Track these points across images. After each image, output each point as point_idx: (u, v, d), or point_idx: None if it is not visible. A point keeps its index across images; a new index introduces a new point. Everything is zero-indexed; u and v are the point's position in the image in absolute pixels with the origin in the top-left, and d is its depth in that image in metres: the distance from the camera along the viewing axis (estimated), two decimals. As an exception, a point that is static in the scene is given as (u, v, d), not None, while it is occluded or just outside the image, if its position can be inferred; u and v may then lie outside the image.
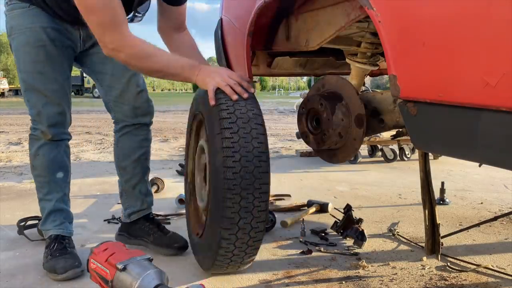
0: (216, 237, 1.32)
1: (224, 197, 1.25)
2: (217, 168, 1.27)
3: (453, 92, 0.89)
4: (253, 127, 1.31)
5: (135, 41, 1.40)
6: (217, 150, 1.27)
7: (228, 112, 1.30)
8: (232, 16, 1.99)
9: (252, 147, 1.28)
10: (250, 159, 1.27)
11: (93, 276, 1.11)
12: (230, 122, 1.28)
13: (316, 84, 1.59)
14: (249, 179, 1.26)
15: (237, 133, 1.27)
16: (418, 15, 0.96)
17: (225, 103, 1.32)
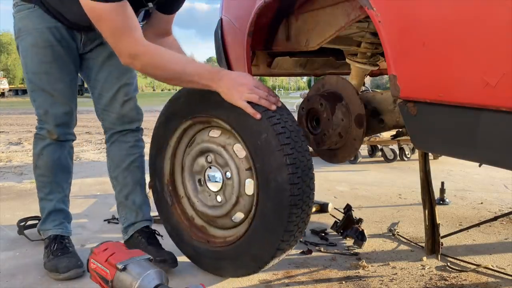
0: (270, 249, 1.33)
1: (290, 213, 1.26)
2: (281, 185, 1.26)
3: (453, 92, 0.89)
4: (302, 139, 1.32)
5: (149, 48, 1.35)
6: (279, 167, 1.26)
7: (282, 127, 1.29)
8: (232, 16, 1.99)
9: (306, 160, 1.30)
10: (307, 173, 1.30)
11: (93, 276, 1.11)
12: (287, 137, 1.28)
13: (316, 84, 1.59)
14: (308, 192, 1.30)
15: (295, 148, 1.28)
16: (418, 15, 0.96)
17: (274, 116, 1.29)
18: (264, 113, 1.29)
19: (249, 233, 1.37)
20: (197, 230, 1.58)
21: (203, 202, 1.56)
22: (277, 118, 1.30)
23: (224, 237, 1.51)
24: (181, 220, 1.60)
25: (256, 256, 1.37)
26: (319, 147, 1.52)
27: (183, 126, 1.54)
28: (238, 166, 1.42)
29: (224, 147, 1.45)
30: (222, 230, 1.54)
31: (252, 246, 1.37)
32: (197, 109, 1.46)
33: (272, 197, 1.29)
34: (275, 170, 1.27)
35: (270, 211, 1.30)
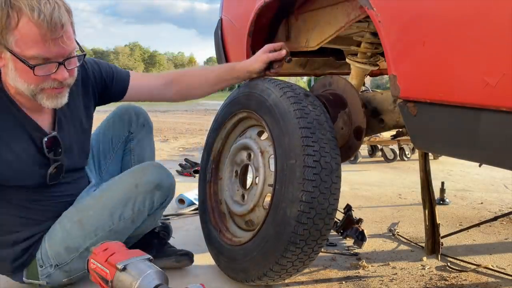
0: (259, 270, 1.30)
1: (286, 248, 1.21)
2: (288, 218, 1.20)
3: (453, 92, 0.89)
4: (333, 181, 1.23)
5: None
6: (292, 199, 1.19)
7: (314, 160, 1.20)
8: (232, 16, 1.99)
9: (328, 204, 1.22)
10: (323, 217, 1.22)
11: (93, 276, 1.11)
12: (314, 173, 1.20)
13: (323, 80, 1.56)
14: (316, 237, 1.23)
15: (318, 188, 1.20)
16: (418, 15, 0.96)
17: (312, 147, 1.21)
18: (302, 139, 1.21)
19: (248, 245, 1.34)
20: (218, 216, 1.57)
21: (230, 193, 1.55)
22: (314, 149, 1.20)
23: (233, 235, 1.51)
24: (210, 200, 1.61)
25: (245, 270, 1.35)
26: None
27: (240, 115, 1.53)
28: (265, 177, 1.39)
29: (262, 153, 1.42)
30: (236, 228, 1.54)
31: (245, 258, 1.35)
32: (252, 104, 1.43)
33: (276, 225, 1.23)
34: (288, 201, 1.20)
35: (270, 237, 1.25)
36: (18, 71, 1.08)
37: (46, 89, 1.12)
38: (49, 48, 1.06)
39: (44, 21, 1.02)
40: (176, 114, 12.52)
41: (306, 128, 1.22)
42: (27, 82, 1.10)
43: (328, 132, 1.26)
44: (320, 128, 1.25)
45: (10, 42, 1.04)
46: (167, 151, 5.04)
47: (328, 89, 1.53)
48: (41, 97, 1.13)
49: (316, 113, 1.28)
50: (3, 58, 1.09)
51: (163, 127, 8.07)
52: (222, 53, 2.12)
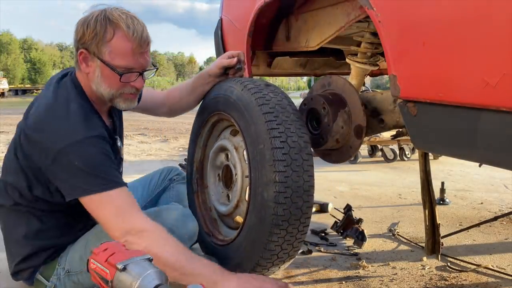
0: (250, 262, 1.31)
1: (270, 232, 1.23)
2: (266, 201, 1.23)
3: (453, 92, 0.89)
4: (304, 158, 1.25)
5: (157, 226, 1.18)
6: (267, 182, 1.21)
7: (281, 141, 1.23)
8: (232, 16, 1.99)
9: (303, 182, 1.24)
10: (300, 195, 1.24)
11: (93, 276, 1.11)
12: (283, 153, 1.22)
13: (323, 80, 1.57)
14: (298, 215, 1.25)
15: (290, 167, 1.22)
16: (418, 15, 0.96)
17: (277, 129, 1.24)
18: (266, 124, 1.24)
19: (237, 239, 1.36)
20: (209, 222, 1.59)
21: (216, 196, 1.58)
22: (279, 131, 1.24)
23: (224, 236, 1.53)
24: (200, 209, 1.62)
25: (238, 265, 1.35)
26: (315, 148, 1.51)
27: (212, 120, 1.57)
28: (243, 170, 1.42)
29: (237, 149, 1.46)
30: (227, 228, 1.56)
31: (236, 254, 1.36)
32: (219, 105, 1.47)
33: (257, 211, 1.25)
34: (263, 184, 1.22)
35: (254, 225, 1.27)
36: (104, 77, 1.24)
37: (124, 94, 1.29)
38: (136, 60, 1.24)
39: (136, 38, 1.21)
40: (176, 114, 12.53)
41: (269, 113, 1.26)
42: (110, 87, 1.25)
43: (292, 114, 1.30)
44: (283, 111, 1.29)
45: (103, 52, 1.21)
46: (167, 151, 5.04)
47: (327, 89, 1.53)
48: (118, 100, 1.30)
49: (277, 99, 1.32)
50: (90, 66, 1.24)
51: (163, 127, 8.07)
52: (222, 53, 2.11)
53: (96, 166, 1.16)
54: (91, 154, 1.17)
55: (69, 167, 1.15)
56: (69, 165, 1.15)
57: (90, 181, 1.15)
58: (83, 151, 1.16)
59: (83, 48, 1.22)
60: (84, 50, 1.22)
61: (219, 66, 1.54)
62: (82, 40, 1.22)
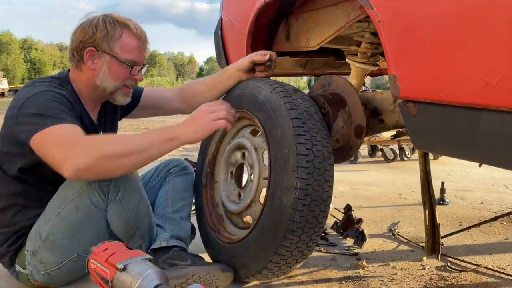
0: (258, 264, 1.31)
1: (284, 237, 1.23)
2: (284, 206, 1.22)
3: (453, 92, 0.89)
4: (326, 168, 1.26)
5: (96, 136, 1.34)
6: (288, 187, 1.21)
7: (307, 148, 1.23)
8: (232, 16, 1.99)
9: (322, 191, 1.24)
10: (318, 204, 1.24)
11: (93, 276, 1.11)
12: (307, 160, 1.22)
13: (323, 80, 1.57)
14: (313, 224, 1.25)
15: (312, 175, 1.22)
16: (418, 15, 0.96)
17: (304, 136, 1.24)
18: (294, 129, 1.24)
19: (246, 239, 1.35)
20: (215, 218, 1.58)
21: (227, 193, 1.57)
22: (306, 138, 1.23)
23: (231, 234, 1.52)
24: (207, 204, 1.60)
25: (245, 265, 1.36)
26: None
27: None
28: (260, 172, 1.41)
29: (256, 149, 1.44)
30: (234, 227, 1.55)
31: (244, 254, 1.36)
32: (244, 104, 1.45)
33: (273, 215, 1.25)
34: (283, 189, 1.22)
35: (268, 228, 1.26)
36: (111, 71, 1.38)
37: (124, 87, 1.42)
38: (140, 55, 1.42)
39: (141, 36, 1.41)
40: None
41: (297, 119, 1.26)
42: (115, 80, 1.39)
43: (319, 123, 1.30)
44: (311, 118, 1.29)
45: (113, 48, 1.36)
46: (167, 151, 5.03)
47: (327, 89, 1.53)
48: (118, 93, 1.42)
49: (306, 105, 1.32)
50: (96, 63, 1.37)
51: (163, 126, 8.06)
52: (222, 53, 2.12)
53: (45, 109, 1.22)
54: (44, 99, 1.24)
55: (25, 115, 1.23)
56: (25, 113, 1.23)
57: (38, 121, 1.20)
58: (37, 99, 1.25)
59: (91, 46, 1.35)
60: (93, 48, 1.35)
61: (250, 60, 1.56)
62: (92, 39, 1.34)
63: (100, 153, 1.15)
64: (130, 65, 1.39)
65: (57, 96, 1.28)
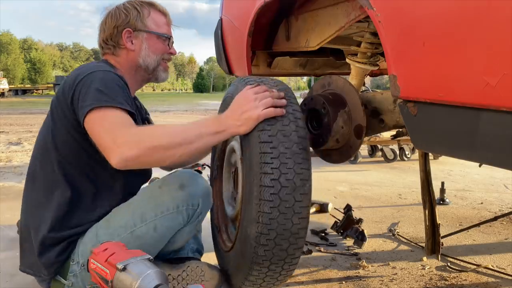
0: (238, 280, 1.28)
1: (250, 267, 1.18)
2: (248, 237, 1.15)
3: (453, 92, 0.89)
4: (297, 199, 1.13)
5: (142, 127, 1.25)
6: (251, 219, 1.13)
7: (271, 179, 1.10)
8: (232, 16, 1.99)
9: (291, 225, 1.13)
10: (287, 238, 1.14)
11: (93, 276, 1.11)
12: (271, 193, 1.11)
13: (323, 80, 1.57)
14: (282, 256, 1.18)
15: (278, 208, 1.11)
16: (418, 15, 0.96)
17: (270, 164, 1.11)
18: (260, 156, 1.11)
19: (231, 252, 1.33)
20: (220, 214, 1.56)
21: (227, 193, 1.55)
22: (273, 166, 1.10)
23: (226, 237, 1.51)
24: (216, 198, 1.57)
25: (229, 276, 1.36)
26: (315, 147, 1.51)
27: None
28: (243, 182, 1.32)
29: (242, 160, 1.33)
30: (234, 229, 1.53)
31: (229, 265, 1.35)
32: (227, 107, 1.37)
33: (242, 242, 1.20)
34: (248, 220, 1.14)
35: (238, 253, 1.23)
36: (151, 46, 1.42)
37: (163, 62, 1.47)
38: (170, 29, 1.49)
39: (166, 12, 1.49)
40: (176, 114, 12.52)
41: (266, 143, 1.12)
42: (156, 54, 1.43)
43: (295, 144, 1.14)
44: (285, 141, 1.13)
45: (148, 25, 1.41)
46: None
47: (327, 89, 1.53)
48: (159, 68, 1.46)
49: (283, 123, 1.16)
50: (135, 43, 1.40)
51: (163, 127, 8.06)
52: (222, 53, 2.12)
53: (107, 87, 1.21)
54: (107, 78, 1.25)
55: (85, 86, 1.21)
56: (86, 84, 1.22)
57: (98, 96, 1.19)
58: (100, 75, 1.25)
59: (127, 28, 1.39)
60: (129, 29, 1.39)
61: None
62: (126, 21, 1.39)
63: (148, 145, 1.14)
64: (167, 36, 1.44)
65: (119, 80, 1.28)
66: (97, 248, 1.11)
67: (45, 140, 1.31)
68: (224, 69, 2.20)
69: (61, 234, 1.28)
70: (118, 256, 1.06)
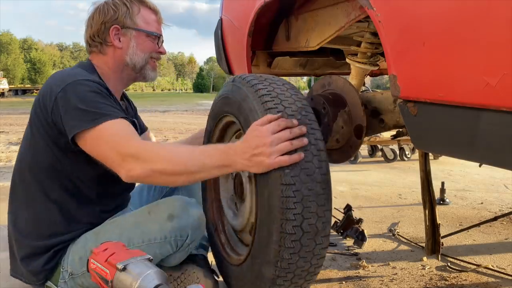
0: None
1: None
2: (262, 271, 1.11)
3: (453, 92, 0.89)
4: (318, 242, 1.08)
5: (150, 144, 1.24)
6: (267, 260, 1.08)
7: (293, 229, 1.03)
8: (232, 16, 1.99)
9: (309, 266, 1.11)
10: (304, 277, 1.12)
11: (93, 276, 1.11)
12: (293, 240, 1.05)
13: (323, 80, 1.57)
14: None
15: (299, 254, 1.06)
16: (418, 15, 0.96)
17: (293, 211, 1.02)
18: (282, 200, 1.01)
19: (235, 268, 1.29)
20: (216, 210, 1.51)
21: (225, 194, 1.51)
22: (296, 212, 1.01)
23: (226, 241, 1.47)
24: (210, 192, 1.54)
25: None
26: None
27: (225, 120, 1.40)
28: (252, 208, 1.26)
29: (251, 180, 1.26)
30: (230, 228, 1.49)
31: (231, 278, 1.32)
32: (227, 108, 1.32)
33: (251, 279, 1.16)
34: (263, 260, 1.09)
35: (248, 280, 1.18)
36: (139, 44, 1.39)
37: (151, 61, 1.43)
38: (159, 27, 1.45)
39: (157, 10, 1.45)
40: (176, 114, 12.52)
41: (289, 185, 1.02)
42: (144, 52, 1.39)
43: (319, 184, 1.04)
44: (308, 181, 1.03)
45: (137, 22, 1.38)
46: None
47: (327, 89, 1.53)
48: (147, 67, 1.42)
49: (306, 159, 1.04)
50: (122, 41, 1.37)
51: (163, 127, 8.07)
52: (222, 53, 2.12)
53: (86, 102, 1.18)
54: (82, 90, 1.21)
55: (66, 105, 1.19)
56: (66, 103, 1.19)
57: (81, 117, 1.17)
58: (76, 89, 1.21)
59: (115, 25, 1.35)
60: (117, 26, 1.35)
61: None
62: (114, 17, 1.35)
63: (154, 168, 1.13)
64: (157, 35, 1.41)
65: (96, 87, 1.23)
66: (97, 248, 1.11)
67: (25, 152, 1.31)
68: (224, 69, 2.20)
69: (44, 243, 1.29)
70: (118, 256, 1.06)
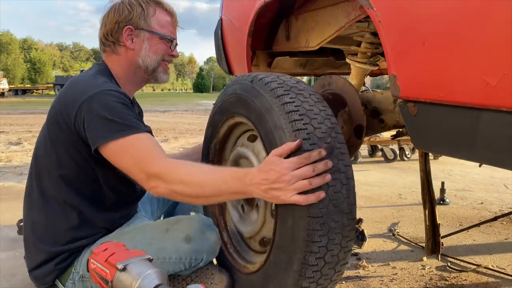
0: None
1: None
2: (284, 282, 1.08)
3: (453, 92, 0.89)
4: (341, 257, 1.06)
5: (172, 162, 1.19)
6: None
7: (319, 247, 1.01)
8: (232, 16, 1.99)
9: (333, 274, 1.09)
10: None
11: (93, 276, 1.11)
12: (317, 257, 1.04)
13: (322, 80, 1.57)
14: None
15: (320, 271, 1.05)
16: (418, 15, 0.96)
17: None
18: (308, 233, 0.99)
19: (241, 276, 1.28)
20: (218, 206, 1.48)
21: None
22: (320, 245, 1.00)
23: (228, 240, 1.45)
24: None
25: None
26: None
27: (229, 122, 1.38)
28: (265, 221, 1.25)
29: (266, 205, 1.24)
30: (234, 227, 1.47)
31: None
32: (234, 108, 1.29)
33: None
34: (278, 283, 1.09)
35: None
36: (152, 46, 1.37)
37: (163, 63, 1.42)
38: (174, 31, 1.44)
39: (173, 12, 1.44)
40: (176, 114, 12.52)
41: (316, 218, 0.98)
42: (156, 54, 1.38)
43: (345, 216, 1.01)
44: (336, 213, 1.00)
45: (151, 24, 1.36)
46: (167, 151, 5.03)
47: (327, 89, 1.53)
48: (159, 70, 1.41)
49: (335, 189, 1.00)
50: (135, 42, 1.36)
51: (163, 127, 8.07)
52: (222, 53, 2.12)
53: (114, 112, 1.18)
54: (110, 101, 1.20)
55: (91, 114, 1.19)
56: (91, 112, 1.19)
57: (108, 127, 1.17)
58: (103, 99, 1.20)
59: (129, 25, 1.34)
60: (131, 27, 1.34)
61: None
62: (128, 17, 1.34)
63: (174, 189, 1.14)
64: (170, 38, 1.39)
65: (121, 97, 1.23)
66: (97, 248, 1.11)
67: (43, 158, 1.31)
68: (224, 69, 2.20)
69: (61, 248, 1.30)
70: (118, 256, 1.06)
